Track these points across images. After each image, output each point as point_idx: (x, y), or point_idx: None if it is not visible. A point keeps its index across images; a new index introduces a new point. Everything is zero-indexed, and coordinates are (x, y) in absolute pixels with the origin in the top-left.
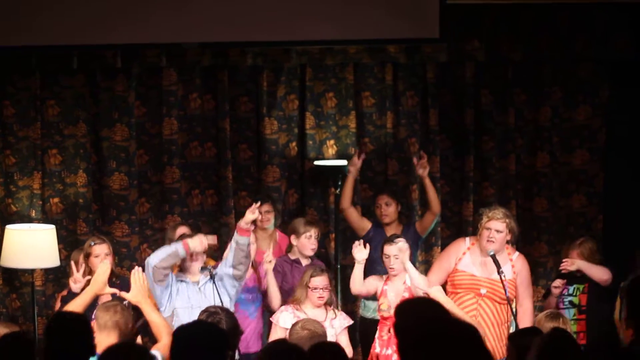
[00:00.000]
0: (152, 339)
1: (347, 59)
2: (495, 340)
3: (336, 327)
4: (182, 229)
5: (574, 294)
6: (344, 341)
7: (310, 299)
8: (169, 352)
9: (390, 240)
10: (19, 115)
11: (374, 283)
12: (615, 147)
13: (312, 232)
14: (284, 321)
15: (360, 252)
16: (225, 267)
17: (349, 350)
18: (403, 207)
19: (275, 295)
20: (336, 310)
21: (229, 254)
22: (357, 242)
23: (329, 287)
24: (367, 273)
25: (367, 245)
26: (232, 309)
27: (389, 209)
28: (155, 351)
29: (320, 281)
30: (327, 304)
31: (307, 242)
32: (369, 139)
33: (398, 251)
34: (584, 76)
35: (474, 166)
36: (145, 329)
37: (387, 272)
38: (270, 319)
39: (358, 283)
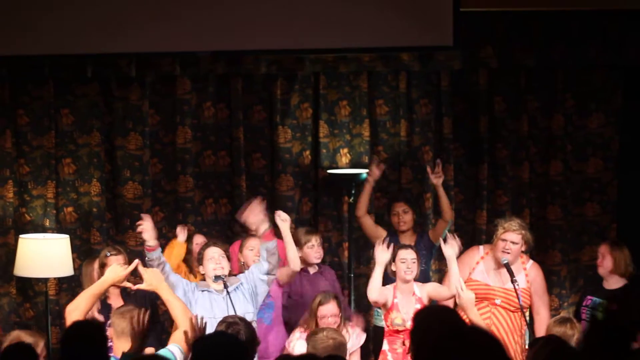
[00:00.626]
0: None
1: (361, 67)
2: (509, 349)
3: (349, 347)
4: (198, 238)
5: (599, 309)
6: None
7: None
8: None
9: (405, 246)
10: (33, 124)
11: (385, 293)
12: (629, 155)
13: (314, 241)
14: (299, 349)
15: (383, 253)
16: (259, 275)
17: None
18: (417, 216)
19: (294, 255)
20: (349, 329)
21: (262, 263)
22: (379, 241)
23: (338, 313)
24: (382, 283)
25: (391, 246)
26: (256, 317)
27: (406, 217)
28: (173, 345)
29: (328, 309)
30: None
31: (310, 251)
32: (383, 147)
33: (415, 255)
34: (597, 83)
35: (488, 174)
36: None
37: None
38: (285, 344)
39: (375, 289)
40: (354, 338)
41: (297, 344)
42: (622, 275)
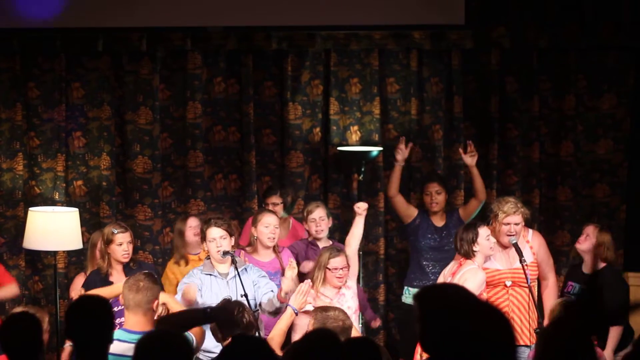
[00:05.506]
0: None
1: (372, 45)
2: (529, 325)
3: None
4: (192, 221)
5: (579, 294)
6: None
7: (330, 281)
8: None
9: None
10: (44, 97)
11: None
12: None
13: (315, 214)
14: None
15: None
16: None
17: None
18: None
19: (357, 241)
20: (348, 282)
21: (267, 299)
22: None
23: (348, 266)
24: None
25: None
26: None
27: (439, 197)
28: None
29: (339, 262)
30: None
31: (312, 225)
32: (393, 125)
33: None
34: (609, 64)
35: (498, 154)
36: None
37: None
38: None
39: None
40: (352, 286)
41: None
42: (600, 257)
